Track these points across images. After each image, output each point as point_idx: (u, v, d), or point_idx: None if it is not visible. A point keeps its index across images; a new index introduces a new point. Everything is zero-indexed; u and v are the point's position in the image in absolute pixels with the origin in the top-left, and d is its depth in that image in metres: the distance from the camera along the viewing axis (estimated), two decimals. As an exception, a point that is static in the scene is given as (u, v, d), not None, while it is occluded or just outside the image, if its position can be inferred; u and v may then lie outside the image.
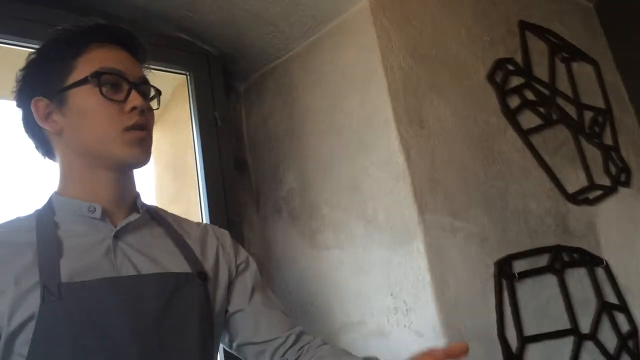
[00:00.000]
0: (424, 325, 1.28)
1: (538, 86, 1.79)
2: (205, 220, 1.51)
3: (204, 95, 1.63)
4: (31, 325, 0.82)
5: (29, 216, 0.96)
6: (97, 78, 0.94)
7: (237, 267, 1.07)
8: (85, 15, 1.39)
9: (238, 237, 1.54)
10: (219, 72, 1.69)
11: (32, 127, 1.00)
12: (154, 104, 1.04)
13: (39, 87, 0.98)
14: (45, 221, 0.94)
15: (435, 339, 1.25)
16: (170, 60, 1.61)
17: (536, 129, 1.71)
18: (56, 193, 0.99)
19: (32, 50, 1.01)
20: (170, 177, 1.74)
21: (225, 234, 1.12)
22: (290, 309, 1.55)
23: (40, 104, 0.97)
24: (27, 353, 0.81)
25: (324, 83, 1.59)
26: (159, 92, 1.05)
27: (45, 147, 1.02)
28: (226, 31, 1.62)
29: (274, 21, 1.58)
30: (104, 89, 0.94)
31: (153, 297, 0.90)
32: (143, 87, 0.99)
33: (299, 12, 1.55)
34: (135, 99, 0.94)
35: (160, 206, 1.64)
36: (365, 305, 1.39)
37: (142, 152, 0.96)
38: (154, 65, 1.14)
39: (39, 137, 1.02)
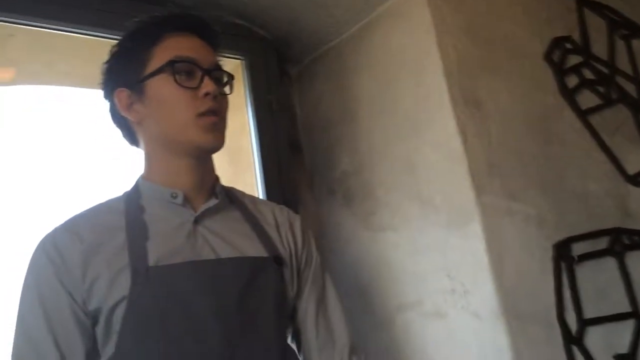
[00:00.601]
0: (482, 307, 1.28)
1: (597, 65, 1.74)
2: (262, 202, 1.54)
3: (259, 79, 1.65)
4: (123, 305, 0.87)
5: (118, 198, 1.02)
6: (171, 66, 0.98)
7: (304, 257, 1.09)
8: (145, 3, 1.44)
9: (294, 219, 1.57)
10: (273, 57, 1.71)
11: (117, 117, 1.06)
12: (227, 89, 1.07)
13: (121, 78, 1.03)
14: (133, 204, 0.99)
15: (494, 321, 1.25)
16: (226, 45, 1.61)
17: (595, 109, 1.66)
18: (142, 177, 1.04)
19: (114, 43, 1.06)
20: (226, 160, 1.77)
21: (297, 219, 1.14)
22: (346, 291, 1.57)
23: (122, 95, 1.02)
24: (119, 329, 0.87)
25: (377, 65, 1.58)
26: (231, 77, 1.08)
27: (131, 136, 1.07)
28: (279, 15, 1.63)
29: (327, 4, 1.58)
30: (177, 77, 0.97)
31: (233, 280, 0.94)
32: (216, 73, 1.03)
33: (350, -7, 1.55)
34: (207, 85, 0.98)
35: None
36: (421, 286, 1.40)
37: (216, 137, 1.00)
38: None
39: (125, 127, 1.07)
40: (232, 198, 1.09)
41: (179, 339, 0.88)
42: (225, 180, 1.78)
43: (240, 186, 1.69)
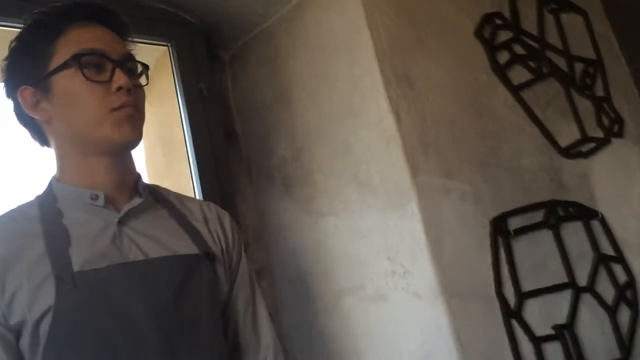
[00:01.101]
0: (422, 286, 1.27)
1: (527, 40, 1.76)
2: (198, 192, 1.49)
3: (188, 66, 1.59)
4: (49, 316, 0.82)
5: (30, 203, 0.96)
6: (78, 60, 0.91)
7: (234, 253, 1.07)
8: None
9: (232, 209, 1.53)
10: (202, 42, 1.65)
11: (24, 117, 0.98)
12: (142, 79, 1.01)
13: (24, 75, 0.95)
14: (49, 209, 0.93)
15: (434, 300, 1.25)
16: (151, 31, 1.56)
17: (527, 84, 1.68)
18: (55, 179, 0.98)
19: (12, 39, 0.98)
20: (160, 151, 1.71)
21: (226, 215, 1.11)
22: (289, 278, 1.55)
23: (26, 93, 0.95)
24: (44, 341, 0.82)
25: (310, 47, 1.55)
26: (146, 67, 1.02)
27: (40, 136, 1.00)
28: (207, -1, 1.58)
29: (255, -14, 1.54)
30: (85, 71, 0.91)
31: (165, 280, 0.90)
32: (128, 64, 0.97)
33: (280, -26, 1.51)
34: (120, 78, 0.92)
35: (152, 181, 1.63)
36: (363, 270, 1.39)
37: (133, 130, 0.93)
38: (134, 37, 1.11)
39: (32, 127, 1.00)
40: (157, 196, 1.05)
41: (115, 345, 0.83)
42: (160, 172, 1.74)
43: (175, 177, 1.65)
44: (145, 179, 1.73)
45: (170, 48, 1.60)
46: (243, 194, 1.63)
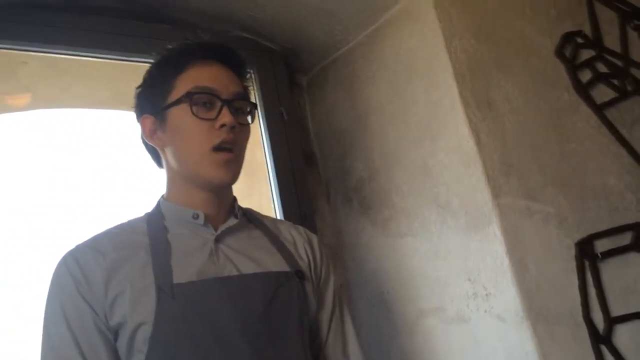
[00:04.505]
0: (506, 309, 1.26)
1: (610, 57, 1.72)
2: (279, 213, 1.54)
3: (269, 91, 1.65)
4: (148, 324, 0.88)
5: (140, 219, 1.04)
6: (189, 97, 0.98)
7: (323, 272, 1.11)
8: (155, 22, 1.45)
9: (311, 229, 1.56)
10: (282, 68, 1.71)
11: (144, 141, 1.07)
12: (249, 118, 1.07)
13: (147, 105, 1.05)
14: (156, 224, 1.01)
15: (518, 324, 1.23)
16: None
17: (611, 103, 1.64)
18: (163, 198, 1.06)
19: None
20: (242, 173, 1.77)
21: (315, 237, 1.16)
22: (367, 299, 1.57)
23: (146, 121, 1.04)
24: (147, 350, 0.87)
25: (387, 71, 1.58)
26: (254, 106, 1.08)
27: (158, 159, 1.09)
28: (286, 26, 1.64)
29: (333, 11, 1.58)
30: (194, 108, 0.98)
31: (257, 295, 0.95)
32: (237, 103, 1.03)
33: (357, 0, 1.54)
34: (224, 117, 0.98)
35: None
36: (443, 291, 1.38)
37: (228, 175, 1.01)
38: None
39: (151, 151, 1.10)
40: (251, 218, 1.11)
41: (209, 354, 0.88)
42: (241, 194, 1.78)
43: (256, 199, 1.71)
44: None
45: (252, 74, 1.66)
46: (321, 214, 1.66)
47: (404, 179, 1.50)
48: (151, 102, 1.04)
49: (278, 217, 1.53)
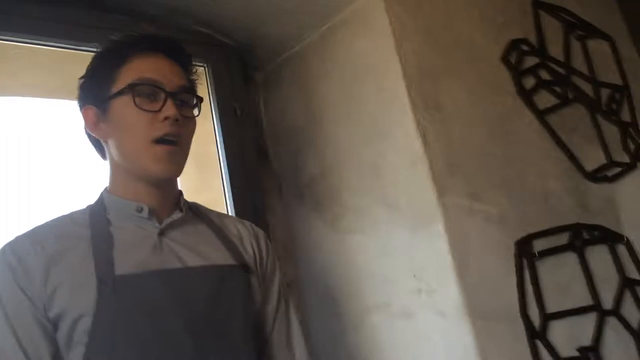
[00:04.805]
0: (448, 306, 1.30)
1: (553, 65, 1.79)
2: (230, 207, 1.55)
3: (223, 86, 1.66)
4: (88, 316, 0.87)
5: (82, 210, 1.03)
6: (132, 89, 0.98)
7: (269, 266, 1.12)
8: (110, 13, 1.44)
9: (263, 225, 1.58)
10: (237, 63, 1.72)
11: (88, 133, 1.06)
12: (195, 111, 1.07)
13: (90, 95, 1.04)
14: (98, 217, 1.00)
15: (459, 320, 1.28)
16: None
17: (552, 109, 1.71)
18: (107, 191, 1.05)
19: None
20: (195, 167, 1.77)
21: (261, 232, 1.17)
22: (316, 295, 1.59)
23: (89, 112, 1.03)
24: (86, 342, 0.87)
25: (340, 71, 1.61)
26: (200, 100, 1.08)
27: (102, 151, 1.08)
28: (243, 22, 1.64)
29: (289, 10, 1.59)
30: (137, 100, 0.98)
31: (201, 288, 0.95)
32: (182, 95, 1.03)
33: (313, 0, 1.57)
34: (168, 109, 0.98)
35: (186, 195, 1.70)
36: (389, 287, 1.42)
37: (171, 167, 1.00)
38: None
39: (94, 142, 1.08)
40: (197, 212, 1.11)
41: (150, 348, 0.88)
42: (193, 188, 1.80)
43: (208, 193, 1.71)
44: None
45: (206, 69, 1.67)
46: (273, 211, 1.68)
47: (355, 177, 1.54)
48: (94, 93, 1.03)
49: (230, 212, 1.54)
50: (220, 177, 1.58)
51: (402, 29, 1.49)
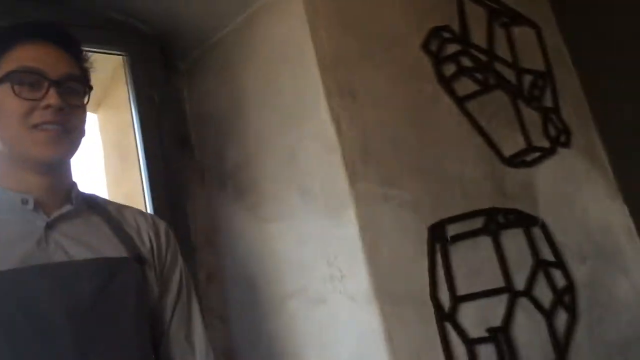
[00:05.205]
0: (358, 291, 1.32)
1: (475, 52, 1.82)
2: (148, 198, 1.54)
3: (142, 75, 1.63)
4: None
5: None
6: (10, 77, 0.96)
7: (168, 258, 1.10)
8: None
9: (182, 214, 1.58)
10: (156, 52, 1.69)
11: None
12: (84, 99, 1.04)
13: None
14: None
15: (368, 304, 1.30)
16: (107, 41, 1.61)
17: (472, 95, 1.74)
18: None
19: None
20: (116, 158, 1.75)
21: (162, 223, 1.15)
22: (238, 283, 1.60)
23: None
24: None
25: (260, 58, 1.60)
26: (89, 88, 1.06)
27: None
28: (160, 9, 1.62)
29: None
30: (17, 88, 0.95)
31: (86, 282, 0.93)
32: (69, 83, 1.00)
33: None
34: (50, 97, 0.95)
35: (108, 187, 1.68)
36: (305, 274, 1.43)
37: (52, 150, 0.97)
38: (89, 47, 1.15)
39: None
40: (93, 204, 1.09)
41: (27, 345, 0.86)
42: (115, 178, 1.78)
43: (129, 183, 1.69)
44: (103, 184, 1.78)
45: (125, 58, 1.64)
46: (195, 200, 1.67)
47: (273, 165, 1.54)
48: None
49: (148, 202, 1.53)
50: (138, 168, 1.56)
51: (316, 16, 1.49)
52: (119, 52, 1.64)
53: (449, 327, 1.38)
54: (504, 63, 1.90)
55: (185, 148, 1.72)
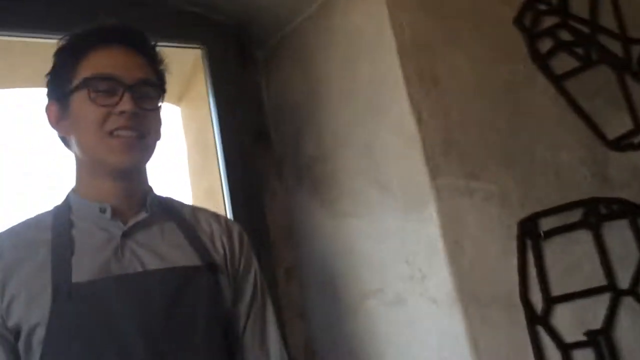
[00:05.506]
0: (439, 292, 1.25)
1: (575, 24, 1.65)
2: (226, 193, 1.54)
3: (219, 67, 1.63)
4: (43, 326, 0.88)
5: (48, 213, 1.02)
6: (87, 84, 0.97)
7: (241, 263, 1.09)
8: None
9: (259, 209, 1.57)
10: (234, 43, 1.68)
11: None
12: (157, 102, 1.04)
13: (52, 92, 1.04)
14: (62, 219, 0.99)
15: (450, 306, 1.23)
16: (185, 36, 1.62)
17: (572, 73, 1.57)
18: (72, 191, 1.04)
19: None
20: (197, 153, 1.77)
21: (236, 226, 1.14)
22: (314, 280, 1.57)
23: (51, 109, 1.04)
24: (40, 352, 0.87)
25: (336, 47, 1.54)
26: (163, 91, 1.06)
27: (69, 147, 1.07)
28: (236, -1, 1.60)
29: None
30: (92, 94, 0.97)
31: (159, 292, 0.94)
32: (143, 88, 1.00)
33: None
34: (125, 103, 0.96)
35: (190, 180, 1.70)
36: (383, 273, 1.38)
37: (128, 157, 0.98)
38: (167, 42, 1.15)
39: (62, 139, 1.08)
40: (169, 209, 1.08)
41: (103, 354, 0.88)
42: (197, 173, 1.80)
43: (209, 178, 1.70)
44: (187, 179, 1.81)
45: (203, 50, 1.64)
46: (273, 194, 1.65)
47: (350, 159, 1.48)
48: (55, 89, 1.02)
49: (226, 197, 1.53)
50: (217, 162, 1.57)
51: (397, 0, 1.40)
52: (196, 45, 1.64)
53: (541, 331, 1.28)
54: (608, 34, 1.70)
55: (263, 141, 1.70)
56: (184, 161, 1.78)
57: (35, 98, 1.59)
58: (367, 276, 1.42)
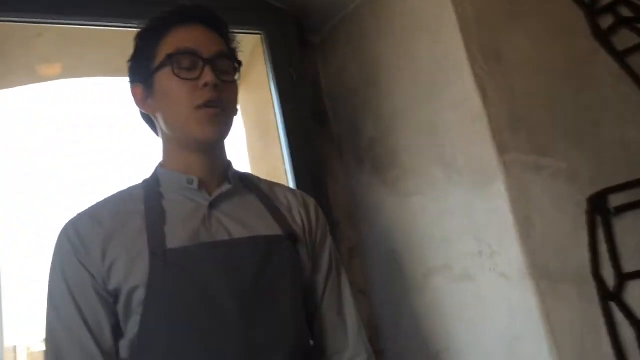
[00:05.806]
0: (510, 267, 1.25)
1: (635, 0, 1.62)
2: (290, 174, 1.56)
3: (279, 52, 1.65)
4: (142, 288, 0.92)
5: (138, 186, 1.07)
6: (170, 59, 1.00)
7: (319, 235, 1.12)
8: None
9: (322, 189, 1.58)
10: (292, 28, 1.70)
11: (141, 111, 1.10)
12: (236, 75, 1.07)
13: (136, 74, 1.07)
14: (152, 192, 1.04)
15: (522, 282, 1.22)
16: (243, 22, 1.64)
17: (634, 49, 1.54)
18: (160, 165, 1.09)
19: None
20: (258, 136, 1.80)
21: (312, 201, 1.17)
22: (379, 258, 1.58)
23: (137, 90, 1.07)
24: (141, 311, 0.92)
25: (394, 27, 1.54)
26: (239, 64, 1.09)
27: (154, 127, 1.12)
28: (294, -16, 1.61)
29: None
30: (176, 70, 1.00)
31: (247, 259, 0.97)
32: (220, 62, 1.03)
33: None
34: (206, 76, 0.99)
35: (251, 164, 1.72)
36: (449, 249, 1.38)
37: (215, 130, 1.01)
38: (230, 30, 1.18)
39: (147, 119, 1.12)
40: (248, 183, 1.12)
41: (199, 316, 0.92)
42: (257, 155, 1.82)
43: (270, 160, 1.73)
44: (246, 162, 1.84)
45: (262, 36, 1.66)
46: (334, 175, 1.67)
47: (412, 138, 1.49)
48: (139, 70, 1.06)
49: (290, 178, 1.55)
50: (279, 144, 1.59)
51: (457, -24, 1.40)
52: (256, 32, 1.66)
53: (614, 307, 1.26)
54: (671, 9, 1.67)
55: (323, 123, 1.71)
56: (242, 145, 1.80)
57: (101, 87, 1.65)
58: (432, 253, 1.42)
